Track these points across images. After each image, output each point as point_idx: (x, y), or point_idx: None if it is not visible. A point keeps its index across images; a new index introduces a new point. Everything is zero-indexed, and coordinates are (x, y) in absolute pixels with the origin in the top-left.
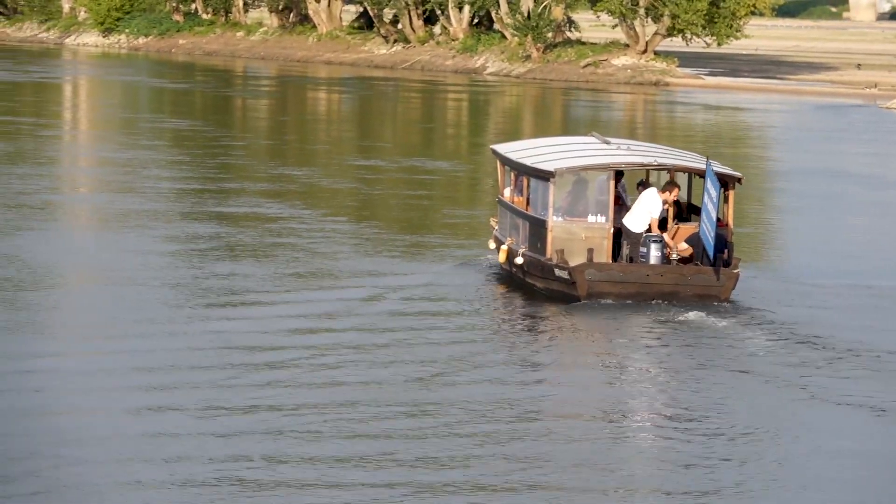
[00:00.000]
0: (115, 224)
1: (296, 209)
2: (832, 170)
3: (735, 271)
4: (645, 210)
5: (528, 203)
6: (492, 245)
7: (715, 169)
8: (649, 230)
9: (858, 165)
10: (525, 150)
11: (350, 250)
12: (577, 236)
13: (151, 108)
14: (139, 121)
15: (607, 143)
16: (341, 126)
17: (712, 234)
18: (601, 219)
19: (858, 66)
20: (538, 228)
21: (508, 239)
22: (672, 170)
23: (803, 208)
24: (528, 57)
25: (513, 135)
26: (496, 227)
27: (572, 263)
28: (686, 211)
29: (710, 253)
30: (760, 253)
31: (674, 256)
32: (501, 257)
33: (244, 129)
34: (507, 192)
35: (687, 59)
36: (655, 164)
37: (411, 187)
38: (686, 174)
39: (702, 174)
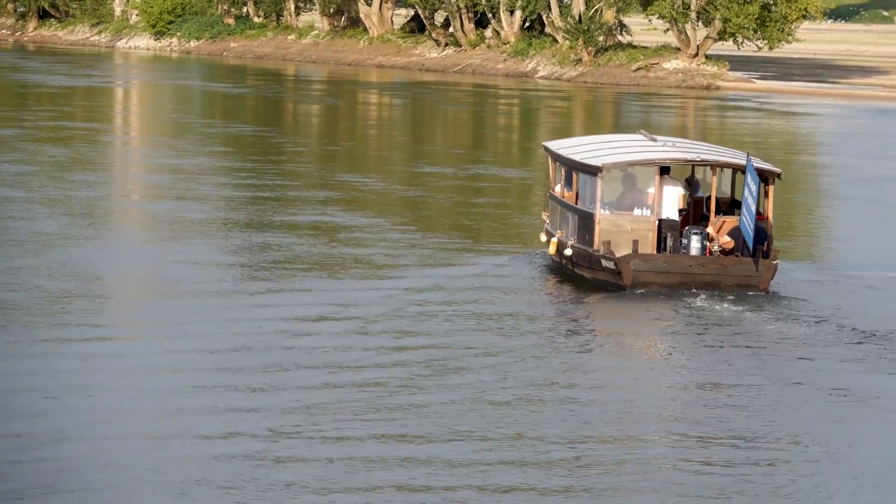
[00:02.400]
0: (173, 233)
1: (355, 215)
2: (882, 173)
3: (774, 262)
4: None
5: (577, 197)
6: (543, 238)
7: (755, 165)
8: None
9: None
10: (575, 147)
11: (410, 246)
12: (624, 229)
13: (207, 112)
14: (195, 125)
15: (654, 140)
16: (395, 131)
17: (752, 226)
18: (646, 212)
19: None
20: (586, 221)
21: (558, 232)
22: (714, 165)
23: (849, 208)
24: (579, 60)
25: (564, 137)
26: (547, 221)
27: (618, 254)
28: (730, 205)
29: (750, 245)
30: (802, 246)
31: (715, 248)
32: (552, 249)
33: (299, 134)
34: (557, 188)
35: (738, 63)
36: (699, 159)
37: (466, 191)
38: (730, 170)
39: (744, 170)
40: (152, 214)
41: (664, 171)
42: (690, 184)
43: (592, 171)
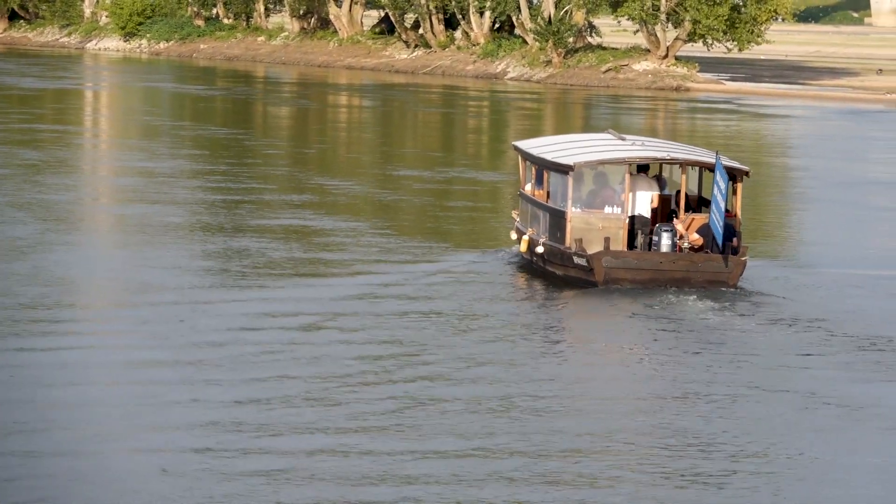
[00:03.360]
0: (146, 237)
1: (327, 217)
2: (852, 175)
3: (743, 259)
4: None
5: (548, 195)
6: (513, 236)
7: (724, 163)
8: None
9: (876, 170)
10: (545, 146)
11: (382, 247)
12: (595, 226)
13: (178, 114)
14: (167, 128)
15: (623, 139)
16: (366, 133)
17: (721, 223)
18: (617, 210)
19: (879, 71)
20: (558, 219)
21: (529, 230)
22: (684, 163)
23: (818, 208)
24: (548, 62)
25: (534, 137)
26: (517, 219)
27: (590, 252)
28: (697, 203)
29: (720, 241)
30: (770, 244)
31: (685, 245)
32: (523, 247)
33: (271, 137)
34: (528, 186)
35: (708, 65)
36: (669, 158)
37: (437, 192)
38: (697, 169)
39: (712, 168)
40: (125, 218)
41: (641, 169)
42: (658, 182)
43: (564, 169)
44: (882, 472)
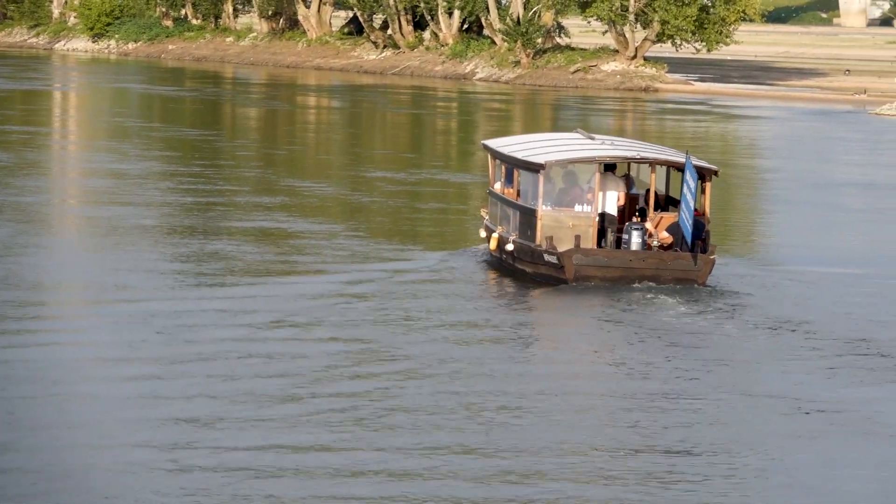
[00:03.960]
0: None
1: (297, 218)
2: (819, 174)
3: (711, 257)
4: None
5: (518, 194)
6: (482, 234)
7: (693, 162)
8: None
9: (845, 170)
10: (515, 145)
11: (352, 247)
12: (565, 224)
13: (148, 115)
14: (137, 129)
15: (592, 138)
16: (336, 134)
17: (690, 222)
18: (587, 208)
19: (847, 71)
20: (528, 217)
21: (499, 227)
22: (653, 162)
23: (787, 208)
24: (517, 62)
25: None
26: (486, 217)
27: (560, 249)
28: (665, 202)
29: (689, 240)
30: (738, 242)
31: (654, 243)
32: (492, 245)
33: (241, 138)
34: (497, 185)
35: (676, 65)
36: (638, 157)
37: (406, 192)
38: (665, 168)
39: (680, 167)
40: (96, 220)
41: (609, 168)
42: (627, 181)
43: (535, 168)
44: (858, 479)
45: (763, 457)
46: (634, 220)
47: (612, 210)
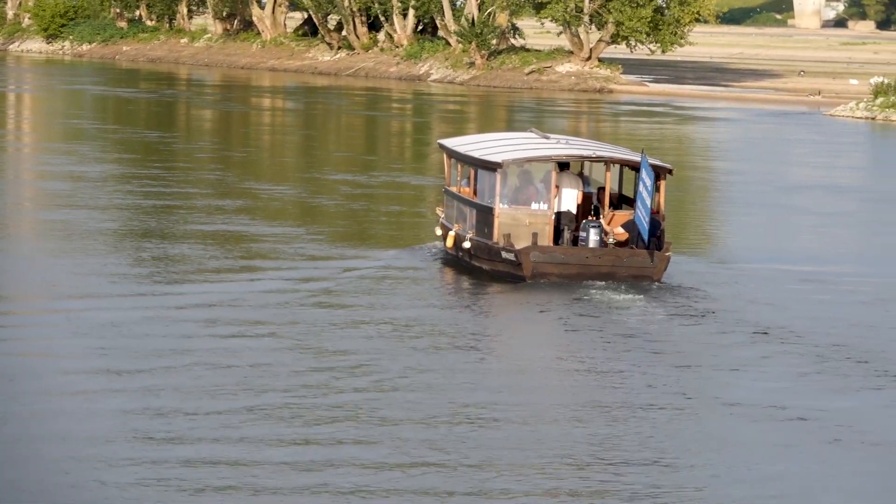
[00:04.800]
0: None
1: (252, 220)
2: (773, 175)
3: (667, 254)
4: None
5: (475, 192)
6: (438, 232)
7: (648, 161)
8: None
9: (800, 172)
10: (472, 144)
11: (305, 246)
12: (522, 222)
13: (104, 117)
14: (93, 131)
15: (547, 137)
16: (291, 136)
17: (647, 219)
18: (543, 206)
19: (801, 72)
20: (486, 215)
21: (455, 225)
22: (609, 161)
23: (739, 207)
24: (472, 64)
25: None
26: (442, 216)
27: (518, 247)
28: (618, 200)
29: (645, 237)
30: (694, 241)
31: (611, 240)
32: (449, 242)
33: (196, 140)
34: (453, 184)
35: (631, 66)
36: (594, 156)
37: (362, 193)
38: (618, 167)
39: (635, 166)
40: (52, 224)
41: (563, 166)
42: (582, 179)
43: (492, 167)
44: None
45: (728, 465)
46: (590, 218)
47: (568, 208)
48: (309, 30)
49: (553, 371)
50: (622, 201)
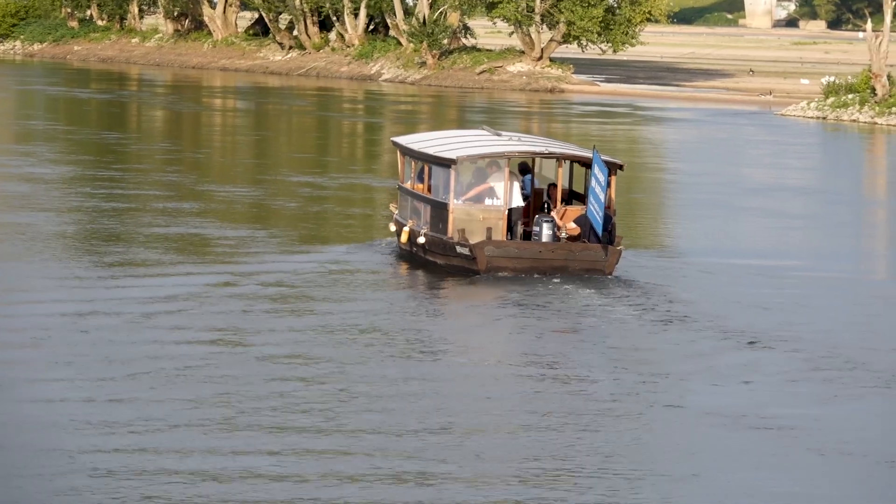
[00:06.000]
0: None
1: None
2: (724, 175)
3: (618, 248)
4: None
5: (429, 189)
6: (392, 228)
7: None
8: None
9: (751, 171)
10: (425, 142)
11: (256, 242)
12: (476, 217)
13: (55, 117)
14: (45, 131)
15: (499, 135)
16: (242, 137)
17: (600, 214)
18: (497, 202)
19: (751, 71)
20: (440, 211)
21: (410, 221)
22: (561, 158)
23: (688, 205)
24: (423, 63)
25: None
26: (396, 212)
27: (472, 241)
28: (568, 196)
29: (599, 232)
30: (642, 236)
31: (563, 235)
32: (403, 238)
33: (146, 141)
34: (407, 180)
35: (583, 66)
36: (546, 152)
37: (316, 192)
38: (568, 163)
39: (586, 163)
40: (6, 227)
41: (522, 167)
42: (531, 174)
43: (447, 163)
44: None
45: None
46: (543, 213)
47: (519, 204)
48: (260, 29)
49: (511, 376)
50: (572, 197)
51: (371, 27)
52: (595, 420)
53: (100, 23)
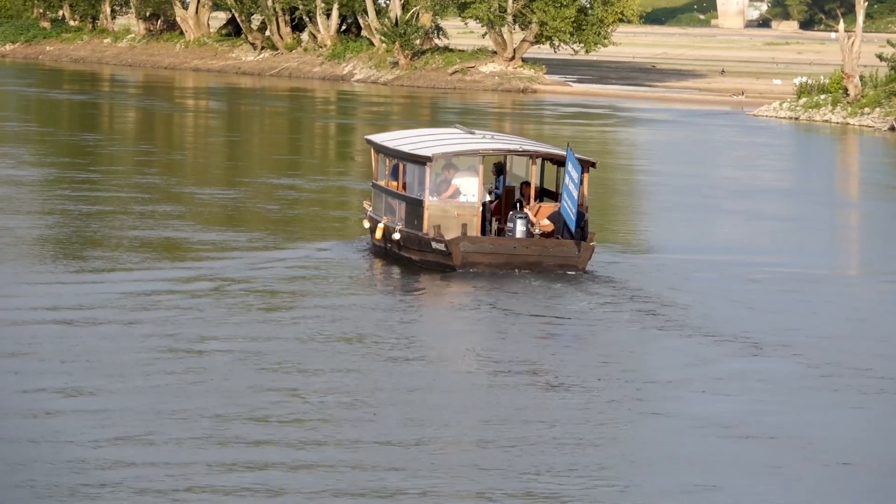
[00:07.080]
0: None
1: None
2: (696, 175)
3: (591, 244)
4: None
5: (404, 186)
6: (366, 225)
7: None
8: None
9: (723, 171)
10: (399, 140)
11: (232, 240)
12: (451, 214)
13: (27, 118)
14: (16, 131)
15: (472, 133)
16: (214, 138)
17: (574, 211)
18: (472, 199)
19: (722, 71)
20: (415, 207)
21: (384, 218)
22: (534, 155)
23: (659, 204)
24: (395, 64)
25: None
26: (370, 209)
27: (447, 237)
28: (540, 193)
29: (572, 228)
30: (614, 233)
31: (537, 231)
32: (378, 234)
33: (119, 143)
34: (381, 178)
35: (555, 67)
36: (521, 150)
37: (289, 192)
38: (540, 161)
39: (559, 160)
40: None
41: (498, 167)
42: (503, 173)
43: (421, 161)
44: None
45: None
46: (517, 210)
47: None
48: (233, 30)
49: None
50: (543, 194)
51: (343, 27)
52: (576, 427)
53: (72, 23)
